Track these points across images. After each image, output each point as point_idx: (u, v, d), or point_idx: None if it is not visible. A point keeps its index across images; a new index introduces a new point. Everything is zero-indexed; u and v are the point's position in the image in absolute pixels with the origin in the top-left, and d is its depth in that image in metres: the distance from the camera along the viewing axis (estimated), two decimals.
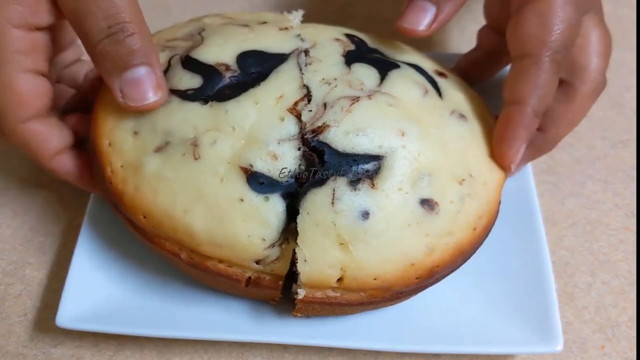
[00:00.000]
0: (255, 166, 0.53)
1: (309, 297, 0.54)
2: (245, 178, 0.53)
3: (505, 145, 0.58)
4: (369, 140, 0.53)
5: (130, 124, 0.58)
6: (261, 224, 0.53)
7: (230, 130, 0.55)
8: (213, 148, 0.54)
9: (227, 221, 0.53)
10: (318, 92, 0.56)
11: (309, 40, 0.62)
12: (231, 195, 0.53)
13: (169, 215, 0.55)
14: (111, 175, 0.57)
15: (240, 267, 0.56)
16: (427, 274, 0.55)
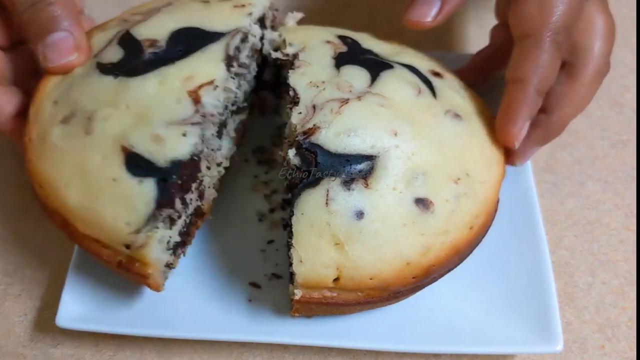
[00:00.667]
0: (136, 147, 0.53)
1: (306, 298, 0.54)
2: (123, 158, 0.53)
3: (508, 123, 0.59)
4: (360, 141, 0.54)
5: (55, 93, 0.58)
6: (128, 208, 0.52)
7: (124, 108, 0.55)
8: (104, 124, 0.54)
9: (98, 200, 0.53)
10: (306, 95, 0.56)
11: (299, 44, 0.62)
12: (106, 174, 0.53)
13: (54, 187, 0.55)
14: (27, 143, 0.58)
15: (113, 250, 0.55)
16: (424, 273, 0.55)
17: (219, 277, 0.65)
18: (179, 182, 0.54)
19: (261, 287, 0.65)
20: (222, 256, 0.67)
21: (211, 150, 0.60)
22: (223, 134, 0.63)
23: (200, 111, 0.55)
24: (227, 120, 0.63)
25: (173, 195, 0.53)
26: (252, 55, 0.65)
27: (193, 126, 0.54)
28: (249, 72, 0.65)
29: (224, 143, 0.64)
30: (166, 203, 0.53)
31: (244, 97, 0.67)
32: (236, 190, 0.73)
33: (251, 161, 0.76)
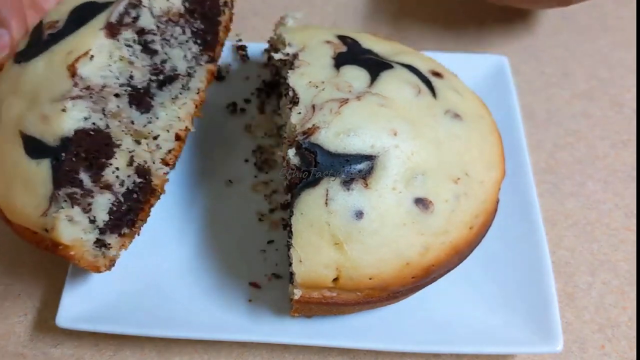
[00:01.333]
0: (29, 130, 0.53)
1: (305, 297, 0.54)
2: (21, 142, 0.53)
3: None
4: (360, 141, 0.54)
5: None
6: (31, 191, 0.53)
7: (21, 93, 0.55)
8: (7, 112, 0.55)
9: (11, 186, 0.54)
10: (306, 95, 0.57)
11: (298, 44, 0.62)
12: (12, 160, 0.54)
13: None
14: None
15: (39, 235, 0.55)
16: (423, 273, 0.55)
17: (219, 277, 0.65)
18: (73, 160, 0.53)
19: (261, 287, 0.65)
20: (222, 256, 0.67)
21: (130, 123, 0.58)
22: (151, 105, 0.61)
23: (80, 84, 0.53)
24: (150, 90, 0.61)
25: (68, 173, 0.52)
26: (167, 20, 0.61)
27: (74, 100, 0.52)
28: (167, 38, 0.62)
29: (158, 114, 0.62)
30: (63, 182, 0.52)
31: (173, 66, 0.63)
32: (236, 191, 0.73)
33: (251, 161, 0.76)
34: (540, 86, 0.88)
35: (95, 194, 0.56)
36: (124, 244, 0.60)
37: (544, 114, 0.85)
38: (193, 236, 0.69)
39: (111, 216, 0.58)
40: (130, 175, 0.59)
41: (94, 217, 0.56)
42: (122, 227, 0.59)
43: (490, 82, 0.79)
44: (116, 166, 0.57)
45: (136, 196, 0.60)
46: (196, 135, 0.78)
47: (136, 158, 0.59)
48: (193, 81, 0.65)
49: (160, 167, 0.62)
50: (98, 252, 0.58)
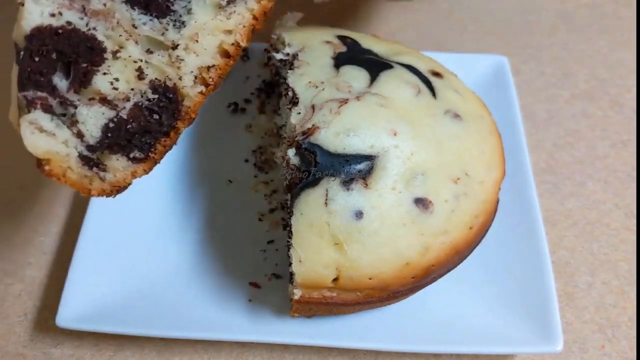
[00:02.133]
0: (13, 35, 0.48)
1: (305, 297, 0.54)
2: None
3: None
4: (360, 141, 0.54)
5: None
6: (12, 98, 0.49)
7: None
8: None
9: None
10: (305, 95, 0.57)
11: (298, 44, 0.62)
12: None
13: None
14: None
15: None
16: (423, 273, 0.55)
17: (219, 277, 0.65)
18: (34, 59, 0.48)
19: (261, 287, 0.65)
20: (222, 256, 0.67)
21: (132, 27, 0.51)
22: (167, 9, 0.52)
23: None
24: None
25: (30, 75, 0.48)
26: None
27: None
28: None
29: (184, 22, 0.52)
30: (25, 85, 0.48)
31: None
32: (236, 190, 0.73)
33: (251, 161, 0.76)
34: (540, 86, 0.88)
35: (78, 104, 0.50)
36: (136, 170, 0.54)
37: (544, 114, 0.85)
38: (193, 236, 0.69)
39: (108, 134, 0.52)
40: (144, 90, 0.52)
41: (80, 130, 0.50)
42: (132, 149, 0.53)
43: (490, 82, 0.79)
44: (114, 77, 0.51)
45: (157, 117, 0.53)
46: (196, 135, 0.78)
47: (150, 71, 0.52)
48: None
49: (194, 85, 0.53)
50: (87, 171, 0.52)
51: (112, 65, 0.51)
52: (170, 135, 0.54)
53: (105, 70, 0.51)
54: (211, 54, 0.53)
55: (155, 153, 0.54)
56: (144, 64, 0.52)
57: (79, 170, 0.52)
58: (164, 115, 0.53)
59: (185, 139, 0.78)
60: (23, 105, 0.48)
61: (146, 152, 0.53)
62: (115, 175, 0.53)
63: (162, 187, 0.73)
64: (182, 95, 0.53)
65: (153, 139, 0.53)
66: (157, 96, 0.52)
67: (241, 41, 0.54)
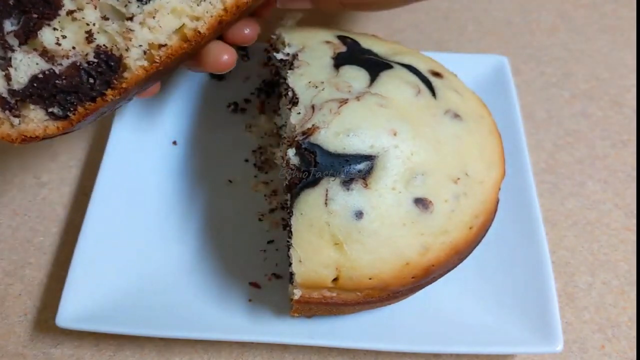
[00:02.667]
0: None
1: (305, 298, 0.54)
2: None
3: None
4: (360, 141, 0.54)
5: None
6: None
7: None
8: None
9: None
10: (305, 95, 0.57)
11: (298, 44, 0.62)
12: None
13: None
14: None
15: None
16: (423, 273, 0.55)
17: (219, 277, 0.65)
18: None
19: (261, 287, 0.65)
20: (222, 256, 0.67)
21: None
22: None
23: None
24: None
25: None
26: None
27: None
28: None
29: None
30: None
31: None
32: (236, 191, 0.73)
33: (251, 161, 0.76)
34: (540, 86, 0.88)
35: (17, 50, 0.51)
36: (48, 126, 0.53)
37: (544, 114, 0.85)
38: (193, 236, 0.69)
39: (35, 83, 0.51)
40: (87, 52, 0.51)
41: (10, 74, 0.51)
42: (53, 105, 0.52)
43: (490, 82, 0.79)
44: (62, 34, 0.51)
45: (90, 81, 0.52)
46: (196, 135, 0.78)
47: (100, 36, 0.51)
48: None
49: (140, 60, 0.52)
50: (1, 113, 0.52)
51: (64, 23, 0.51)
52: (96, 101, 0.53)
53: (55, 25, 0.51)
54: (166, 34, 0.52)
55: (75, 114, 0.53)
56: (96, 28, 0.51)
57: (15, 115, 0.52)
58: (98, 81, 0.52)
59: (185, 139, 0.78)
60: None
61: (66, 112, 0.53)
62: (26, 125, 0.53)
63: (162, 187, 0.73)
64: (124, 66, 0.52)
65: (78, 100, 0.52)
66: (98, 61, 0.51)
67: (202, 29, 0.52)
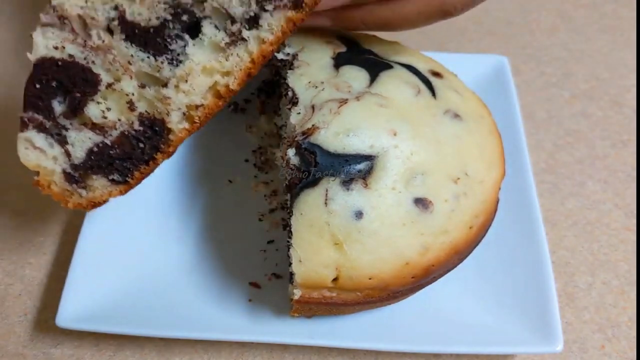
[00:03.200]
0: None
1: (305, 298, 0.54)
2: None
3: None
4: (359, 141, 0.54)
5: None
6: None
7: None
8: None
9: None
10: (305, 95, 0.57)
11: (298, 44, 0.62)
12: None
13: None
14: None
15: None
16: (423, 273, 0.55)
17: (219, 277, 0.65)
18: (36, 86, 0.52)
19: (261, 287, 0.65)
20: (222, 256, 0.67)
21: (127, 63, 0.53)
22: (164, 47, 0.53)
23: (52, 12, 0.50)
24: (165, 31, 0.52)
25: (30, 99, 0.53)
26: None
27: (44, 28, 0.51)
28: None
29: (181, 60, 0.53)
30: (27, 106, 0.53)
31: (219, 8, 0.52)
32: (236, 191, 0.73)
33: (251, 161, 0.76)
34: (540, 86, 0.88)
35: (70, 128, 0.54)
36: (112, 191, 0.57)
37: (544, 114, 0.85)
38: (193, 236, 0.69)
39: (92, 156, 0.55)
40: (132, 121, 0.54)
41: (68, 150, 0.54)
42: (112, 172, 0.56)
43: (490, 82, 0.79)
44: (106, 106, 0.54)
45: (141, 146, 0.55)
46: (196, 135, 0.78)
47: (141, 104, 0.54)
48: (255, 31, 0.52)
49: (181, 122, 0.55)
50: (69, 186, 0.56)
51: (106, 96, 0.54)
52: (149, 165, 0.57)
53: (98, 99, 0.54)
54: (201, 94, 0.54)
55: (133, 178, 0.57)
56: (135, 97, 0.54)
57: (61, 184, 0.56)
58: (147, 146, 0.56)
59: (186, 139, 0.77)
60: (21, 123, 0.53)
61: (125, 177, 0.57)
62: (93, 193, 0.57)
63: (163, 187, 0.73)
64: (168, 130, 0.55)
65: (133, 165, 0.56)
66: (143, 128, 0.55)
67: (233, 84, 0.54)
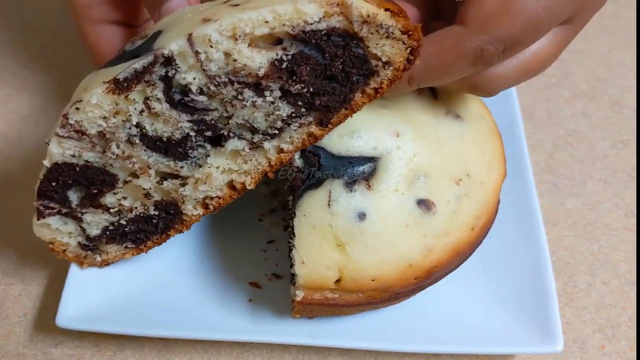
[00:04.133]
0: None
1: (307, 299, 0.54)
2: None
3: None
4: (363, 142, 0.54)
5: None
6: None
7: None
8: None
9: None
10: None
11: None
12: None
13: None
14: None
15: None
16: (425, 275, 0.55)
17: (219, 277, 0.65)
18: (52, 183, 0.54)
19: (261, 287, 0.65)
20: (222, 256, 0.67)
21: (146, 166, 0.53)
22: (186, 155, 0.53)
23: (69, 128, 0.51)
24: (187, 142, 0.52)
25: (45, 192, 0.55)
26: (231, 82, 0.49)
27: (60, 138, 0.51)
28: (229, 100, 0.50)
29: (200, 163, 0.54)
30: (41, 196, 0.55)
31: (244, 123, 0.52)
32: None
33: None
34: (540, 86, 0.88)
35: (86, 212, 0.57)
36: (125, 254, 0.61)
37: (544, 114, 0.85)
38: (193, 236, 0.69)
39: (107, 232, 0.59)
40: (148, 206, 0.57)
41: (84, 228, 0.58)
42: (126, 241, 0.60)
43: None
44: (123, 195, 0.56)
45: (155, 222, 0.58)
46: None
47: (157, 193, 0.56)
48: (275, 141, 0.53)
49: (195, 209, 0.57)
50: (83, 252, 0.61)
51: (122, 189, 0.56)
52: (162, 237, 0.60)
53: (114, 191, 0.56)
54: (218, 188, 0.56)
55: (146, 246, 0.61)
56: (152, 190, 0.56)
57: (76, 252, 0.61)
58: (161, 223, 0.59)
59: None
60: (37, 212, 0.56)
61: (138, 245, 0.61)
62: (107, 256, 0.62)
63: None
64: (181, 211, 0.58)
65: (146, 237, 0.60)
66: (159, 212, 0.58)
67: (249, 184, 0.55)
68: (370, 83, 0.50)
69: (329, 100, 0.50)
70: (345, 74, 0.49)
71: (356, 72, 0.49)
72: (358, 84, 0.50)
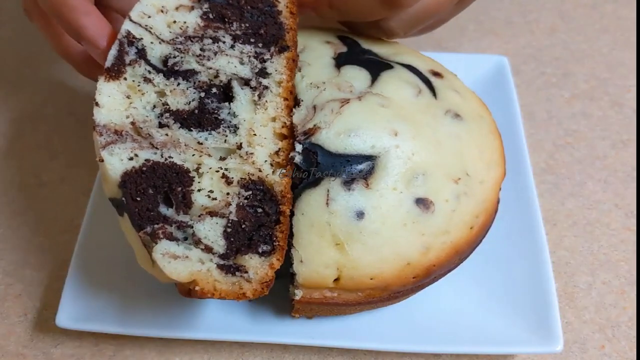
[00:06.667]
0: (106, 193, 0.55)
1: (306, 298, 0.54)
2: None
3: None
4: (361, 141, 0.54)
5: None
6: (135, 246, 0.54)
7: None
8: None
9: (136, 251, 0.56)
10: (306, 95, 0.57)
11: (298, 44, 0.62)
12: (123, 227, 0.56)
13: None
14: None
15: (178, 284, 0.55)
16: (424, 273, 0.55)
17: None
18: (137, 200, 0.52)
19: None
20: None
21: (198, 144, 0.54)
22: (217, 120, 0.56)
23: (104, 131, 0.52)
24: (207, 107, 0.56)
25: (140, 214, 0.52)
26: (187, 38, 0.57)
27: (108, 147, 0.51)
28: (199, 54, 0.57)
29: (235, 124, 0.56)
30: (141, 224, 0.51)
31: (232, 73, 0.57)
32: None
33: None
34: (540, 86, 0.88)
35: (192, 223, 0.53)
36: (272, 262, 0.54)
37: (544, 114, 0.85)
38: None
39: (230, 239, 0.53)
40: (238, 192, 0.55)
41: (207, 245, 0.53)
42: (258, 245, 0.54)
43: (490, 82, 0.79)
44: (209, 189, 0.54)
45: (261, 210, 0.55)
46: None
47: (233, 174, 0.55)
48: (269, 78, 0.58)
49: (274, 171, 0.55)
50: (232, 278, 0.52)
51: (201, 181, 0.54)
52: (281, 221, 0.54)
53: (197, 187, 0.54)
54: (272, 140, 0.56)
55: (279, 241, 0.54)
56: (225, 171, 0.55)
57: (225, 280, 0.52)
58: (266, 206, 0.55)
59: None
60: (148, 241, 0.52)
61: (271, 244, 0.54)
62: (257, 273, 0.53)
63: None
64: (270, 183, 0.55)
65: (269, 229, 0.54)
66: (251, 192, 0.55)
67: (286, 120, 0.57)
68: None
69: (268, 28, 0.59)
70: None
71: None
72: (277, 6, 0.60)
